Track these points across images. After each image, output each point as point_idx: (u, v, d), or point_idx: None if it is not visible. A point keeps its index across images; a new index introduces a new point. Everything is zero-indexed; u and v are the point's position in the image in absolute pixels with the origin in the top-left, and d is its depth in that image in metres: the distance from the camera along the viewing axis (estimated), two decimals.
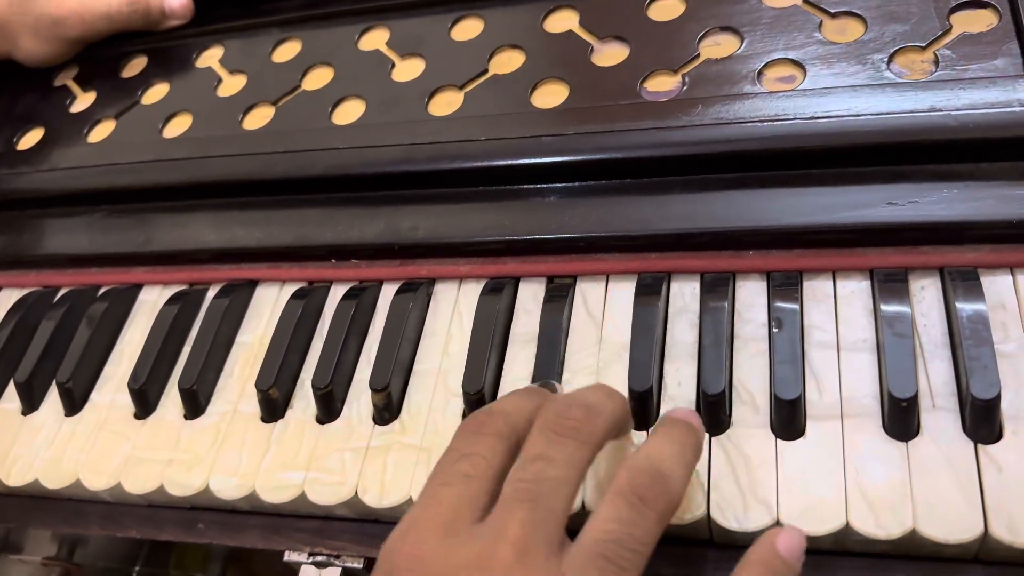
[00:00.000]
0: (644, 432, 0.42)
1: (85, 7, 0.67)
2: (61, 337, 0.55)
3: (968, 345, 0.39)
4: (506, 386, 0.46)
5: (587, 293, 0.48)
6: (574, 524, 0.34)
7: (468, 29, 0.59)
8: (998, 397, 0.38)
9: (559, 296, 0.47)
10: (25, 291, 0.60)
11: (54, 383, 0.54)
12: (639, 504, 0.33)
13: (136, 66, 0.67)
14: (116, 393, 0.52)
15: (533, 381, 0.45)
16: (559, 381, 0.45)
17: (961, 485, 0.37)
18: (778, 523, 0.38)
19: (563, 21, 0.57)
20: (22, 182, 0.63)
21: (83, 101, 0.67)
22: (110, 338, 0.55)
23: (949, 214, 0.43)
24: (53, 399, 0.53)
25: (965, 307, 0.41)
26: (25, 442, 0.52)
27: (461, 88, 0.55)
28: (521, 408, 0.37)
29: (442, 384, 0.47)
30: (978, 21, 0.48)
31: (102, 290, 0.58)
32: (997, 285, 0.42)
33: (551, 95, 0.53)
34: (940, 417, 0.39)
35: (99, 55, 0.69)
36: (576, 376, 0.45)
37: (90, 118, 0.65)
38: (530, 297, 0.48)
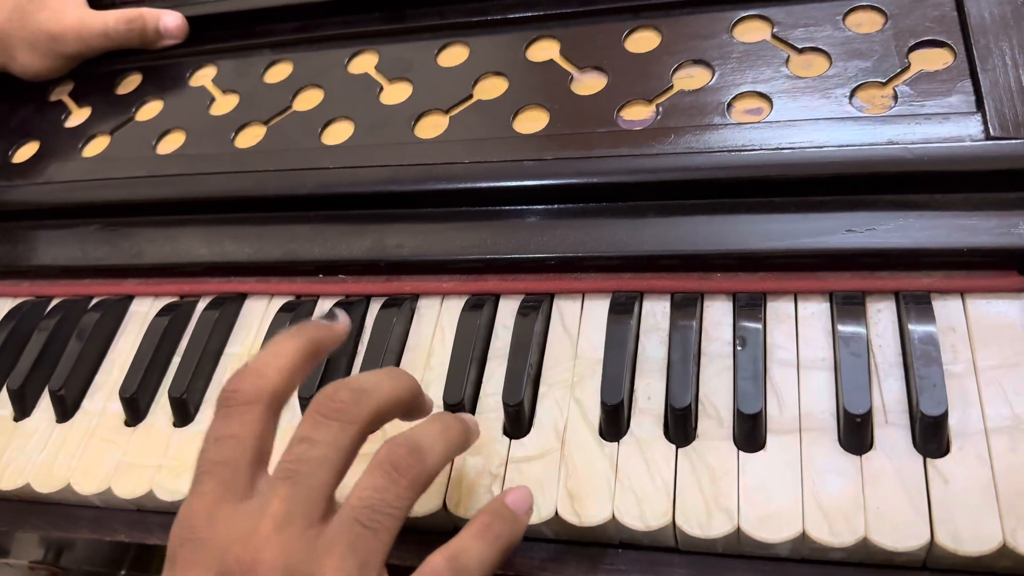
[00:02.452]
0: (615, 443, 0.44)
1: (83, 24, 0.69)
2: (53, 346, 0.57)
3: (919, 365, 0.42)
4: (485, 398, 0.48)
5: (564, 310, 0.50)
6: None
7: (454, 56, 0.61)
8: (945, 414, 0.40)
9: (531, 309, 0.49)
10: (18, 301, 0.61)
11: (46, 390, 0.55)
12: (392, 472, 0.37)
13: (131, 83, 0.69)
14: (107, 401, 0.54)
15: (506, 388, 0.46)
16: (535, 394, 0.47)
17: (910, 496, 0.39)
18: (739, 530, 0.40)
19: (545, 50, 0.59)
20: (17, 194, 0.64)
21: (78, 116, 0.69)
22: (101, 347, 0.57)
23: (904, 242, 0.45)
24: (45, 406, 0.55)
25: (917, 329, 0.43)
26: (17, 447, 0.53)
27: (447, 112, 0.58)
28: (277, 361, 0.39)
29: None
30: (935, 59, 0.51)
31: (94, 301, 0.59)
32: (948, 309, 0.45)
33: (532, 121, 0.55)
34: (892, 432, 0.41)
35: (94, 72, 0.71)
36: (552, 389, 0.47)
37: (85, 133, 0.67)
38: (509, 313, 0.51)
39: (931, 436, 0.40)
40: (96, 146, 0.65)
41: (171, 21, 0.69)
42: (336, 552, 0.35)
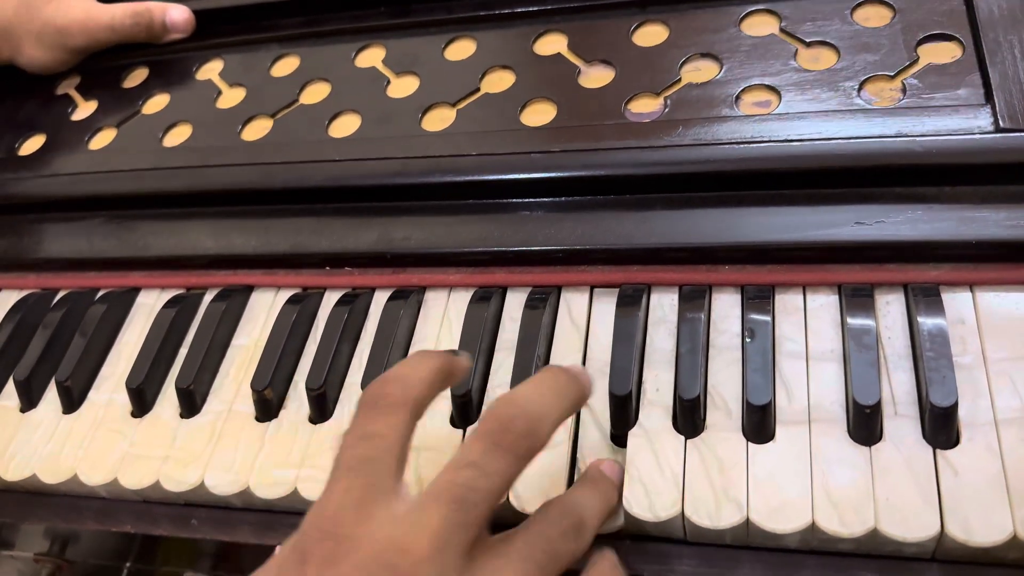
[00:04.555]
0: (623, 435, 0.44)
1: (89, 17, 0.69)
2: (60, 338, 0.57)
3: (929, 357, 0.42)
4: (492, 390, 0.48)
5: (571, 303, 0.50)
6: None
7: (461, 49, 0.61)
8: (955, 405, 0.40)
9: (539, 302, 0.49)
10: (25, 293, 0.61)
11: (53, 382, 0.55)
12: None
13: (137, 77, 0.69)
14: (113, 392, 0.54)
15: (514, 380, 0.46)
16: None
17: (920, 487, 0.39)
18: (748, 521, 0.40)
19: (552, 44, 0.59)
20: (23, 187, 0.64)
21: (84, 109, 0.69)
22: (108, 339, 0.57)
23: (913, 234, 0.45)
24: (51, 397, 0.55)
25: (926, 322, 0.43)
26: (24, 438, 0.53)
27: (454, 105, 0.58)
28: (420, 374, 0.38)
29: None
30: (944, 53, 0.51)
31: (100, 293, 0.59)
32: (957, 301, 0.45)
33: (540, 114, 0.55)
34: (901, 424, 0.41)
35: (101, 66, 0.71)
36: None
37: (91, 126, 0.66)
38: (516, 306, 0.50)
39: (941, 427, 0.40)
40: (102, 139, 0.65)
41: (178, 15, 0.69)
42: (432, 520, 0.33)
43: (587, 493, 0.40)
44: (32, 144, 0.67)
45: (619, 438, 0.44)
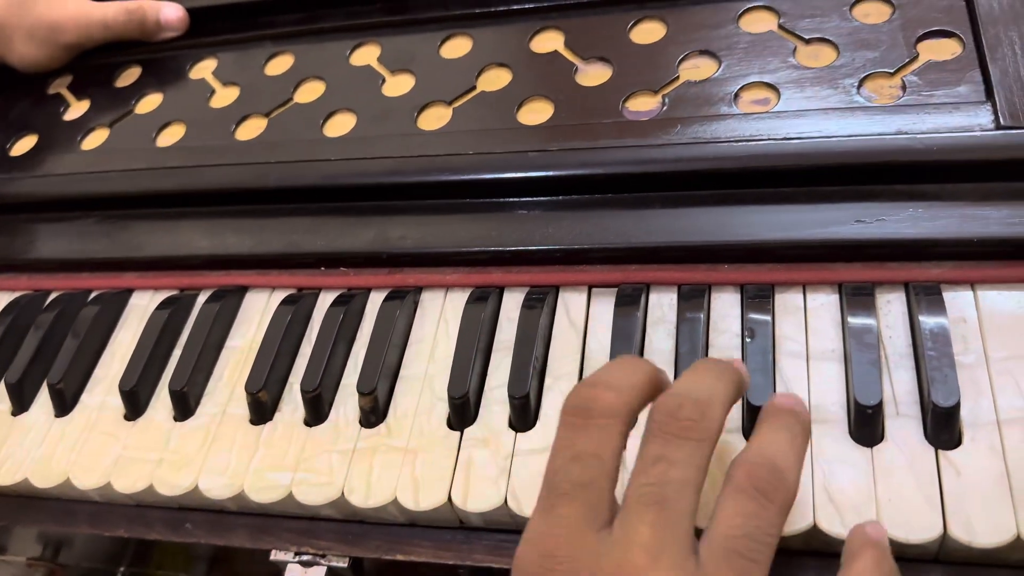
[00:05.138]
0: None
1: (82, 14, 0.68)
2: (52, 340, 0.56)
3: (930, 356, 0.41)
4: (490, 391, 0.47)
5: (569, 303, 0.49)
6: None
7: (457, 47, 0.61)
8: (958, 405, 0.40)
9: (537, 302, 0.49)
10: (17, 294, 0.61)
11: (44, 384, 0.54)
12: (760, 497, 0.33)
13: (130, 76, 0.69)
14: (106, 395, 0.53)
15: (511, 381, 0.46)
16: (541, 386, 0.46)
17: (922, 488, 0.39)
18: None
19: (549, 42, 0.59)
20: (15, 187, 0.64)
21: (77, 109, 0.68)
22: (101, 341, 0.56)
23: (914, 232, 0.45)
24: (43, 400, 0.54)
25: (928, 320, 0.43)
26: (15, 442, 0.53)
27: (450, 104, 0.57)
28: (629, 382, 0.36)
29: (428, 389, 0.48)
30: (943, 50, 0.51)
31: (93, 294, 0.59)
32: (959, 300, 0.44)
33: (536, 112, 0.55)
34: (903, 424, 0.41)
35: (93, 64, 0.71)
36: (558, 382, 0.46)
37: (84, 126, 0.66)
38: (514, 306, 0.50)
39: (943, 427, 0.40)
40: (95, 139, 0.65)
41: (172, 13, 0.68)
42: None
43: (772, 435, 0.36)
44: (24, 144, 0.67)
45: None
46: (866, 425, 0.41)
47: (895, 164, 0.46)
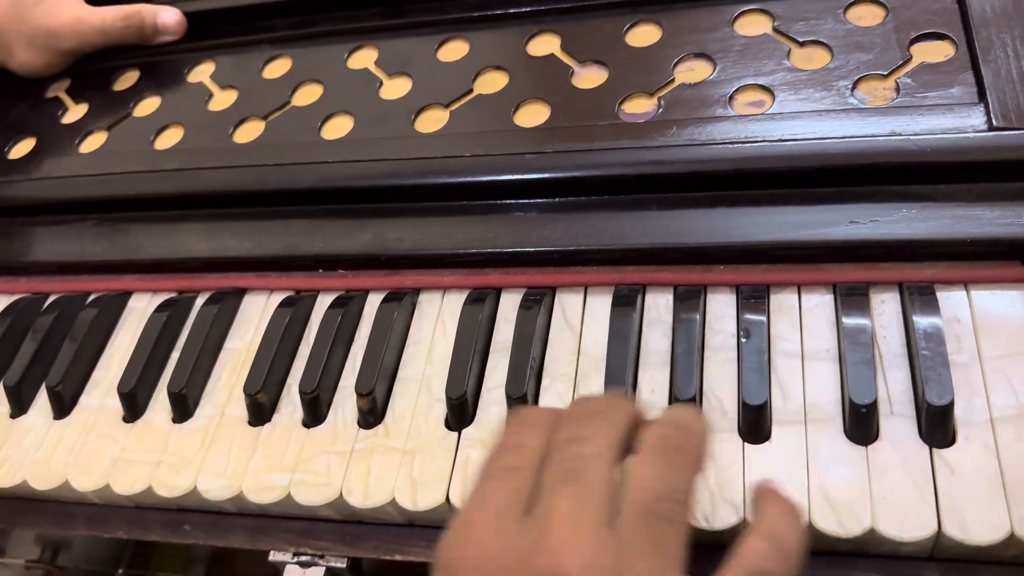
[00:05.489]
0: None
1: (80, 20, 0.69)
2: (50, 342, 0.56)
3: (924, 356, 0.42)
4: (487, 392, 0.47)
5: (566, 304, 0.50)
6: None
7: (454, 50, 0.61)
8: (951, 404, 0.40)
9: (534, 303, 0.49)
10: (15, 297, 0.61)
11: (43, 387, 0.54)
12: (670, 453, 0.34)
13: (128, 79, 0.69)
14: (105, 397, 0.54)
15: (509, 381, 0.46)
16: (538, 387, 0.47)
17: (917, 486, 0.39)
18: (744, 523, 0.40)
19: (545, 45, 0.59)
20: (13, 190, 0.64)
21: (75, 112, 0.68)
22: (99, 344, 0.56)
23: (908, 233, 0.45)
24: (42, 403, 0.54)
25: (922, 320, 0.43)
26: (14, 444, 0.53)
27: (447, 106, 0.57)
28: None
29: (425, 390, 0.48)
30: (937, 52, 0.51)
31: (92, 297, 0.59)
32: (952, 300, 0.44)
33: (533, 115, 0.55)
34: (898, 423, 0.41)
35: (91, 68, 0.71)
36: (555, 382, 0.47)
37: (82, 129, 0.66)
38: (511, 307, 0.50)
39: (937, 426, 0.40)
40: (93, 142, 0.65)
41: (169, 17, 0.69)
42: (642, 552, 0.31)
43: (678, 409, 0.39)
44: (22, 147, 0.67)
45: None
46: (861, 424, 0.41)
47: (889, 165, 0.46)
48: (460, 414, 0.46)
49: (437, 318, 0.51)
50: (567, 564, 0.31)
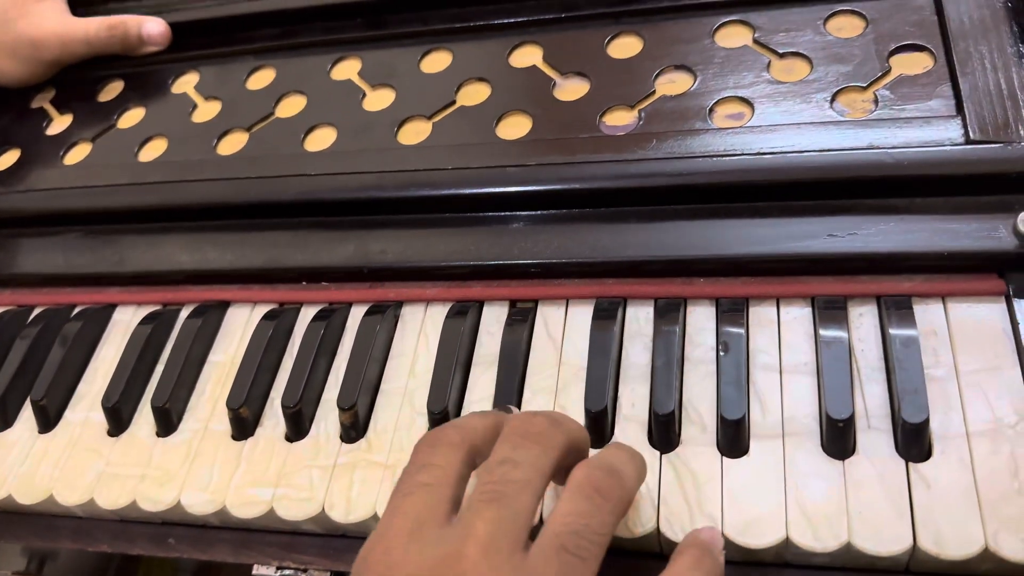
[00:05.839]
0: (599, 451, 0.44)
1: (64, 30, 0.68)
2: (35, 355, 0.56)
3: (900, 370, 0.42)
4: (470, 405, 0.48)
5: (548, 316, 0.50)
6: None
7: (437, 62, 0.61)
8: (927, 421, 0.40)
9: (520, 320, 0.49)
10: None
11: (28, 400, 0.55)
12: (595, 495, 0.35)
13: (113, 90, 0.69)
14: (90, 411, 0.54)
15: (495, 401, 0.47)
16: (519, 400, 0.47)
17: (893, 501, 0.39)
18: (723, 536, 0.40)
19: (527, 56, 0.59)
20: None
21: (59, 123, 0.68)
22: (84, 357, 0.56)
23: (886, 246, 0.46)
24: (27, 416, 0.54)
25: (899, 333, 0.43)
26: None
27: (429, 118, 0.58)
28: (476, 423, 0.39)
29: (408, 403, 0.49)
30: (915, 64, 0.51)
31: (76, 309, 0.59)
32: (929, 313, 0.45)
33: (515, 127, 0.55)
34: (875, 437, 0.41)
35: (76, 78, 0.71)
36: (536, 395, 0.47)
37: (66, 140, 0.66)
38: (493, 320, 0.50)
39: (913, 441, 0.40)
40: (78, 153, 0.65)
41: (154, 28, 0.69)
42: None
43: (614, 449, 0.39)
44: (6, 159, 0.67)
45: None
46: (838, 438, 0.41)
47: (867, 178, 0.47)
48: None
49: (420, 331, 0.52)
50: (467, 554, 0.32)
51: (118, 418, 0.52)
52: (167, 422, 0.51)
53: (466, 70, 0.59)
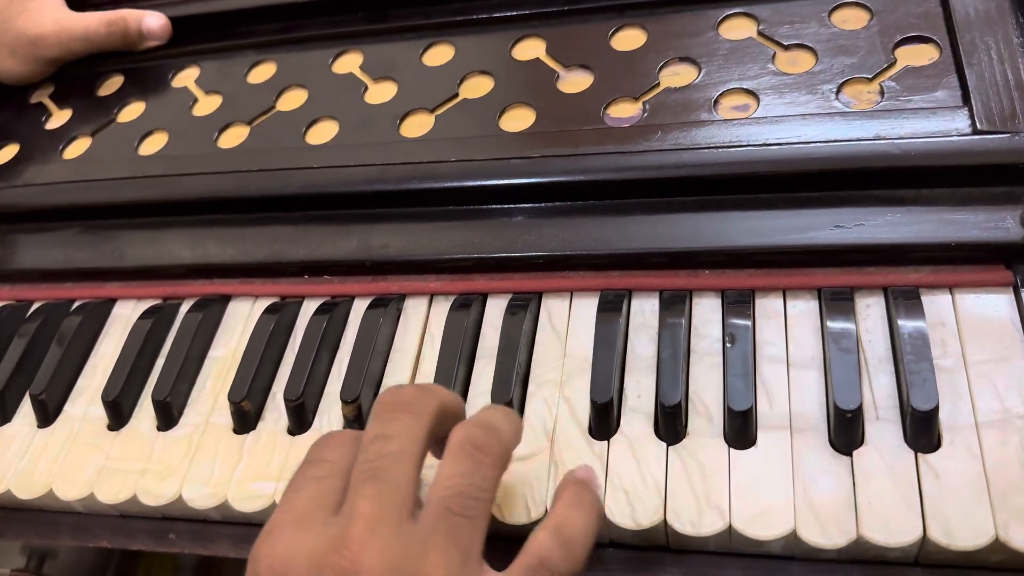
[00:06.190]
0: (604, 442, 0.44)
1: (63, 27, 0.68)
2: (34, 350, 0.56)
3: (909, 360, 0.42)
4: (474, 398, 0.47)
5: (552, 309, 0.50)
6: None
7: (439, 55, 0.61)
8: (936, 409, 0.40)
9: (520, 308, 0.49)
10: None
11: (27, 395, 0.54)
12: (475, 452, 0.36)
13: (112, 85, 0.69)
14: (89, 405, 0.53)
15: (495, 387, 0.46)
16: (524, 393, 0.47)
17: (902, 492, 0.39)
18: (730, 528, 0.40)
19: (531, 49, 0.59)
20: None
21: (59, 118, 0.68)
22: (83, 351, 0.56)
23: (893, 237, 0.45)
24: (26, 411, 0.54)
25: (907, 325, 0.43)
26: None
27: (432, 111, 0.57)
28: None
29: None
30: (921, 55, 0.51)
31: (76, 304, 0.58)
32: (937, 304, 0.44)
33: (518, 119, 0.55)
34: (883, 428, 0.41)
35: (75, 74, 0.70)
36: (541, 388, 0.46)
37: (66, 135, 0.66)
38: (497, 313, 0.50)
39: (922, 431, 0.40)
40: (77, 148, 0.65)
41: (154, 22, 0.68)
42: (436, 546, 0.33)
43: (488, 410, 0.40)
44: (5, 154, 0.67)
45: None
46: (846, 429, 0.41)
47: (873, 169, 0.46)
48: None
49: (423, 324, 0.51)
50: (362, 559, 0.32)
51: (118, 412, 0.52)
52: (168, 416, 0.51)
53: (469, 63, 0.59)
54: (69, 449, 0.51)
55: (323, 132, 0.59)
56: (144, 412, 0.52)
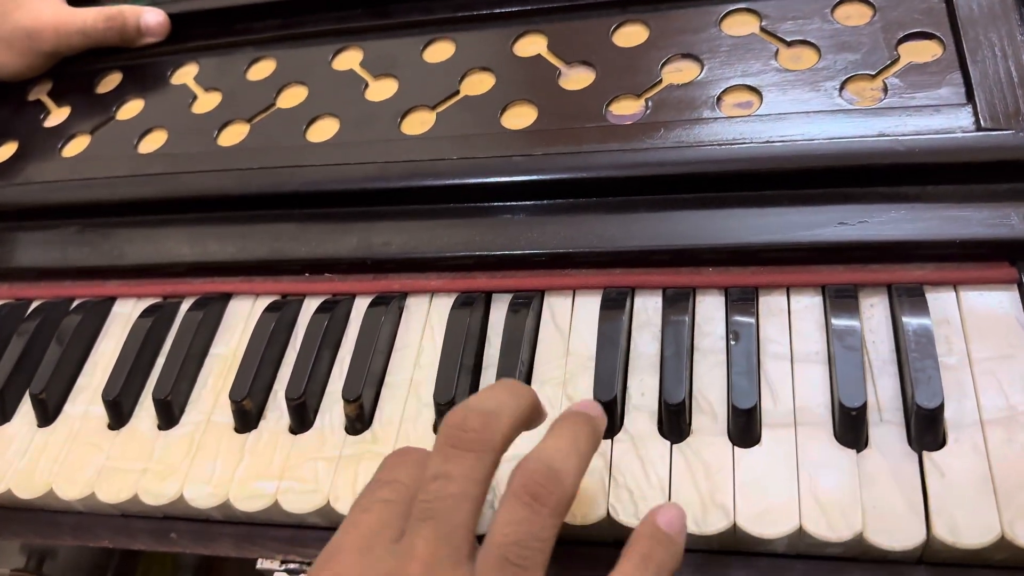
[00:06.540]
0: (608, 440, 0.43)
1: (61, 21, 0.68)
2: (34, 349, 0.55)
3: (914, 358, 0.41)
4: None
5: (555, 307, 0.49)
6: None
7: (440, 51, 0.61)
8: (941, 406, 0.40)
9: (522, 306, 0.49)
10: None
11: (27, 394, 0.54)
12: (533, 503, 0.35)
13: (111, 82, 0.68)
14: (90, 404, 0.53)
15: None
16: None
17: (906, 496, 0.39)
18: (735, 526, 0.40)
19: (532, 46, 0.59)
20: None
21: (57, 116, 0.67)
22: (83, 350, 0.56)
23: (897, 234, 0.45)
24: (26, 410, 0.54)
25: (911, 322, 0.43)
26: None
27: (433, 108, 0.57)
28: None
29: (414, 395, 0.48)
30: (924, 52, 0.51)
31: (76, 303, 0.58)
32: (941, 301, 0.44)
33: (520, 117, 0.55)
34: (887, 431, 0.41)
35: (74, 71, 0.70)
36: (544, 386, 0.46)
37: (64, 133, 0.65)
38: (499, 311, 0.50)
39: (927, 428, 0.40)
40: (76, 146, 0.64)
41: (152, 18, 0.68)
42: None
43: (553, 441, 0.38)
44: (4, 152, 0.66)
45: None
46: (851, 427, 0.41)
47: (877, 166, 0.46)
48: None
49: (425, 322, 0.51)
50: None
51: (119, 411, 0.51)
52: (168, 415, 0.51)
53: (470, 60, 0.59)
54: (69, 448, 0.51)
55: (324, 130, 0.59)
56: (145, 411, 0.52)
